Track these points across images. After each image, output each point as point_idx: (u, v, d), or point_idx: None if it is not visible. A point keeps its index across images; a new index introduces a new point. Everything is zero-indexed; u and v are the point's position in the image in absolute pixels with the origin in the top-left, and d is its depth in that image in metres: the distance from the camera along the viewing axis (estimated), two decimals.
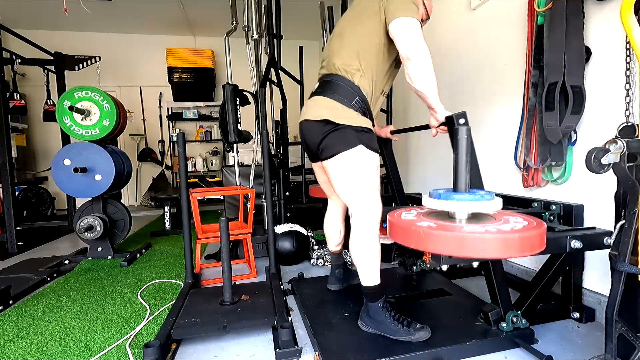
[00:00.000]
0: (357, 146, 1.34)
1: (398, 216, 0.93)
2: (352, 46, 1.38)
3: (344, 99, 1.35)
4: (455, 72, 2.64)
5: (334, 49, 1.44)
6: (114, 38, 5.42)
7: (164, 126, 5.73)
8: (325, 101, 1.38)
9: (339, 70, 1.39)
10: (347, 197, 1.41)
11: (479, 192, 0.86)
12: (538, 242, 0.77)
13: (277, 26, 2.88)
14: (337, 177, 1.41)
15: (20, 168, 4.83)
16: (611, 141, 0.95)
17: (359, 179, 1.37)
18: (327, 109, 1.36)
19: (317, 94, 1.44)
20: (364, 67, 1.36)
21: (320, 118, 1.37)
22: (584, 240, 1.24)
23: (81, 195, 2.68)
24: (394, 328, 1.35)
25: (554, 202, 1.75)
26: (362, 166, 1.36)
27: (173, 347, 1.42)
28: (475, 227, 0.77)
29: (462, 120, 1.39)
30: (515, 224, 0.82)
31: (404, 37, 1.26)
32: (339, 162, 1.37)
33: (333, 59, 1.42)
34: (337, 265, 1.88)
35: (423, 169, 3.16)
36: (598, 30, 1.57)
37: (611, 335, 0.98)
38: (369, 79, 1.37)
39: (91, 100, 2.65)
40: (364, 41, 1.36)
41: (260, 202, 2.99)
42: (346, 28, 1.43)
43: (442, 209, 0.82)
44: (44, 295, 2.05)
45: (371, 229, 1.37)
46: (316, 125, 1.40)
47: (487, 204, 0.80)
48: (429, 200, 0.85)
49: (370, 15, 1.35)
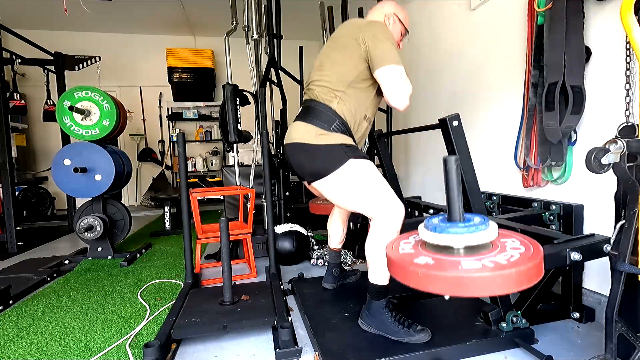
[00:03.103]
0: (348, 161, 1.35)
1: (396, 249, 0.93)
2: (330, 77, 1.42)
3: (323, 123, 1.38)
4: (455, 72, 2.64)
5: (314, 79, 1.48)
6: (114, 38, 5.42)
7: (164, 126, 5.73)
8: (305, 126, 1.42)
9: (317, 96, 1.43)
10: (359, 209, 1.40)
11: (474, 219, 0.86)
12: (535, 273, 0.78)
13: (277, 26, 2.88)
14: (338, 195, 1.41)
15: (20, 168, 4.83)
16: (611, 141, 0.95)
17: (363, 189, 1.36)
18: (308, 132, 1.40)
19: (298, 119, 1.48)
20: (340, 96, 1.39)
21: (302, 141, 1.40)
22: (584, 251, 1.22)
23: (81, 195, 2.68)
24: (395, 329, 1.35)
25: (554, 202, 1.75)
26: (360, 176, 1.36)
27: (173, 347, 1.42)
28: (473, 263, 0.78)
29: (456, 123, 1.38)
30: (512, 252, 0.82)
31: (390, 85, 1.32)
32: (334, 181, 1.37)
33: (313, 86, 1.47)
34: (335, 264, 1.88)
35: (423, 169, 3.16)
36: (598, 30, 1.58)
37: (611, 335, 0.98)
38: (348, 106, 1.40)
39: (91, 100, 2.65)
40: (343, 73, 1.40)
41: (260, 202, 2.99)
42: (325, 61, 1.47)
43: (438, 243, 0.84)
44: (44, 295, 2.05)
45: (391, 231, 1.34)
46: (297, 149, 1.42)
47: (482, 235, 0.81)
48: (425, 232, 0.87)
49: (350, 49, 1.39)
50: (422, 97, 3.11)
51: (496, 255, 0.81)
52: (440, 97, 2.85)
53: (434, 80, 2.91)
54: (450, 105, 2.69)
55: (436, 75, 2.89)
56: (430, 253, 0.85)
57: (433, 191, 2.96)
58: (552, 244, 1.26)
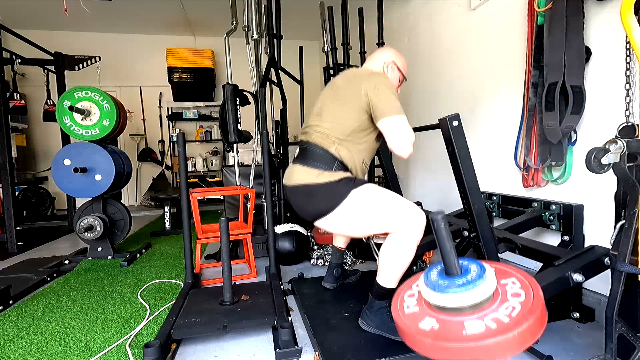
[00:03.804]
0: (350, 192, 1.36)
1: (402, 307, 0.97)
2: (330, 124, 1.43)
3: (323, 165, 1.40)
4: (455, 72, 2.64)
5: (312, 124, 1.49)
6: (114, 38, 5.42)
7: (164, 126, 5.73)
8: (305, 169, 1.43)
9: (315, 141, 1.44)
10: (379, 230, 1.38)
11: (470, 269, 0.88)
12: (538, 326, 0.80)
13: (277, 26, 2.88)
14: (349, 227, 1.42)
15: (20, 168, 4.82)
16: (611, 141, 0.95)
17: (375, 211, 1.36)
18: (309, 173, 1.41)
19: (297, 162, 1.50)
20: (339, 143, 1.41)
21: (303, 182, 1.42)
22: (585, 270, 1.21)
23: (81, 195, 2.68)
24: (394, 327, 1.35)
25: (554, 202, 1.75)
26: (369, 201, 1.37)
27: (173, 347, 1.42)
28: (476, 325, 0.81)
29: (456, 123, 1.38)
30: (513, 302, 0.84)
31: (394, 136, 1.34)
32: (340, 215, 1.38)
33: (311, 130, 1.48)
34: (337, 264, 1.88)
35: (423, 169, 3.16)
36: (598, 30, 1.58)
37: (611, 335, 0.98)
38: (346, 151, 1.42)
39: (91, 100, 2.65)
40: (344, 124, 1.42)
41: (260, 202, 2.99)
42: (325, 109, 1.48)
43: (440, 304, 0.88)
44: (44, 295, 2.05)
45: (411, 241, 1.33)
46: (300, 190, 1.44)
47: (480, 290, 0.84)
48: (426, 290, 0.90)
49: (352, 101, 1.41)
50: (422, 97, 3.11)
51: (498, 308, 0.84)
52: (440, 96, 2.85)
53: (434, 80, 2.91)
54: (450, 105, 2.70)
55: (436, 75, 2.89)
56: (434, 312, 0.89)
57: (433, 191, 2.96)
58: (553, 267, 1.25)
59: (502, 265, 0.98)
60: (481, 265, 0.88)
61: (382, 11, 2.87)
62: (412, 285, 1.03)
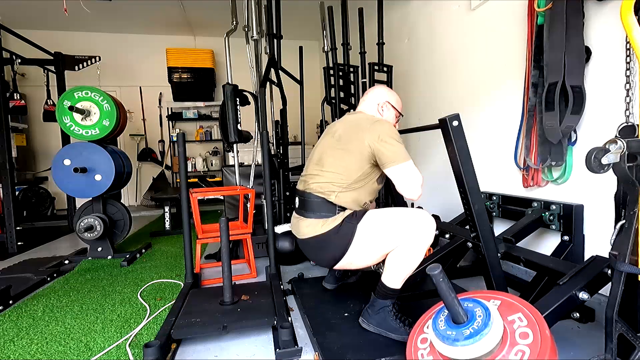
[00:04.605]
0: (357, 228, 1.39)
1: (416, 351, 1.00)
2: (330, 173, 1.46)
3: (326, 213, 1.44)
4: (455, 71, 2.64)
5: (312, 174, 1.51)
6: (114, 38, 5.42)
7: (164, 126, 5.73)
8: (309, 221, 1.47)
9: (314, 190, 1.47)
10: (394, 247, 1.38)
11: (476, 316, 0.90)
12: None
13: (277, 26, 2.88)
14: (366, 257, 1.44)
15: (20, 168, 4.83)
16: (611, 141, 0.95)
17: (386, 235, 1.38)
18: (313, 226, 1.46)
19: (299, 213, 1.54)
20: (339, 190, 1.44)
21: (310, 236, 1.46)
22: (590, 287, 1.21)
23: (81, 195, 2.68)
24: (395, 326, 1.36)
25: (554, 202, 1.75)
26: (375, 229, 1.39)
27: (173, 347, 1.42)
28: None
29: (456, 123, 1.37)
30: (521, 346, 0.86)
31: (403, 182, 1.39)
32: (354, 252, 1.41)
33: (310, 180, 1.50)
34: None
35: (423, 170, 3.15)
36: (598, 30, 1.58)
37: (611, 335, 0.98)
38: (346, 197, 1.45)
39: (91, 100, 2.65)
40: (346, 174, 1.44)
41: (260, 202, 2.99)
42: (325, 158, 1.50)
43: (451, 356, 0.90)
44: (44, 295, 2.05)
45: (420, 247, 1.35)
46: (311, 243, 1.49)
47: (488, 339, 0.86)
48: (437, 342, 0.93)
49: (354, 152, 1.43)
50: (422, 97, 3.11)
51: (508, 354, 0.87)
52: (440, 97, 2.84)
53: (434, 80, 2.91)
54: (450, 105, 2.69)
55: (436, 75, 2.89)
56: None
57: (434, 192, 2.96)
58: (558, 287, 1.24)
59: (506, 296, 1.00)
60: (486, 309, 0.91)
61: (382, 11, 2.87)
62: (424, 327, 1.06)
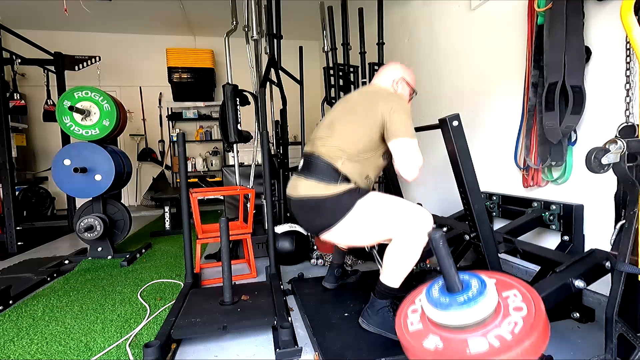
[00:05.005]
0: (356, 203, 1.37)
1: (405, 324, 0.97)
2: (339, 138, 1.44)
3: (328, 178, 1.40)
4: (455, 72, 2.64)
5: (322, 137, 1.49)
6: (114, 38, 5.41)
7: (164, 126, 5.73)
8: (310, 182, 1.43)
9: (322, 154, 1.44)
10: (386, 236, 1.39)
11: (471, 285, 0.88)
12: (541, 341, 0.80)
13: (277, 26, 2.88)
14: (356, 237, 1.42)
15: (20, 168, 4.83)
16: (611, 141, 0.95)
17: (381, 220, 1.37)
18: (314, 187, 1.41)
19: (301, 173, 1.50)
20: (346, 157, 1.41)
21: (309, 195, 1.42)
22: (587, 276, 1.22)
23: (81, 195, 2.68)
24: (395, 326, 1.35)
25: (554, 202, 1.75)
26: (374, 209, 1.37)
27: (173, 347, 1.42)
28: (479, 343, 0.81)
29: (456, 123, 1.38)
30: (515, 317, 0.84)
31: (402, 157, 1.37)
32: (346, 227, 1.39)
33: (318, 142, 1.48)
34: (338, 264, 1.89)
35: (423, 170, 3.15)
36: (598, 30, 1.58)
37: (611, 335, 0.98)
38: (351, 167, 1.42)
39: (91, 100, 2.64)
40: (355, 139, 1.42)
41: (260, 202, 2.99)
42: (337, 122, 1.48)
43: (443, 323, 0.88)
44: (44, 295, 2.05)
45: (417, 243, 1.33)
46: (306, 204, 1.44)
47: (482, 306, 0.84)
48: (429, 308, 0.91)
49: (366, 119, 1.41)
50: (422, 97, 3.11)
51: (500, 324, 0.84)
52: (440, 97, 2.84)
53: (434, 80, 2.91)
54: (450, 105, 2.69)
55: (436, 75, 2.89)
56: (437, 329, 0.89)
57: (434, 191, 2.96)
58: (555, 274, 1.25)
59: (503, 276, 0.98)
60: (482, 280, 0.88)
61: (382, 11, 2.87)
62: (415, 299, 1.03)
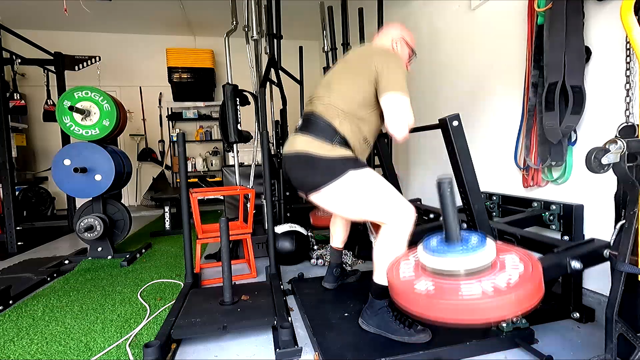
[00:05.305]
0: (347, 172, 1.35)
1: (397, 272, 0.94)
2: (336, 96, 1.43)
3: (325, 137, 1.39)
4: (455, 72, 2.64)
5: (319, 95, 1.49)
6: (114, 38, 5.42)
7: (164, 126, 5.73)
8: (307, 138, 1.42)
9: (320, 112, 1.43)
10: (367, 217, 1.40)
11: (471, 238, 0.86)
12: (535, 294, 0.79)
13: (277, 26, 2.88)
14: (340, 206, 1.42)
15: (20, 168, 4.82)
16: (611, 141, 0.95)
17: (368, 198, 1.36)
18: (310, 143, 1.40)
19: (299, 131, 1.48)
20: (344, 115, 1.40)
21: (304, 151, 1.40)
22: (584, 258, 1.22)
23: (81, 195, 2.68)
24: (395, 327, 1.35)
25: (554, 202, 1.75)
26: (363, 185, 1.37)
27: (173, 347, 1.42)
28: (473, 288, 0.79)
29: (456, 123, 1.38)
30: (511, 272, 0.83)
31: (392, 112, 1.33)
32: (333, 192, 1.37)
33: (317, 101, 1.47)
34: (336, 264, 1.89)
35: (423, 170, 3.16)
36: (598, 30, 1.58)
37: (611, 335, 0.98)
38: (349, 126, 1.41)
39: (91, 100, 2.65)
40: (349, 95, 1.41)
41: (260, 202, 2.99)
42: (334, 81, 1.48)
43: (437, 268, 0.86)
44: (44, 295, 2.05)
45: (402, 235, 1.34)
46: (298, 158, 1.43)
47: (480, 257, 0.82)
48: (424, 255, 0.88)
49: (360, 74, 1.40)
50: (422, 97, 3.11)
51: (496, 276, 0.81)
52: (440, 97, 2.85)
53: (434, 80, 2.91)
54: (450, 105, 2.69)
55: (436, 75, 2.89)
56: (431, 276, 0.86)
57: (434, 191, 2.96)
58: (552, 253, 1.25)
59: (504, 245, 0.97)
60: (482, 236, 0.86)
61: (382, 11, 2.87)
62: (410, 255, 1.02)
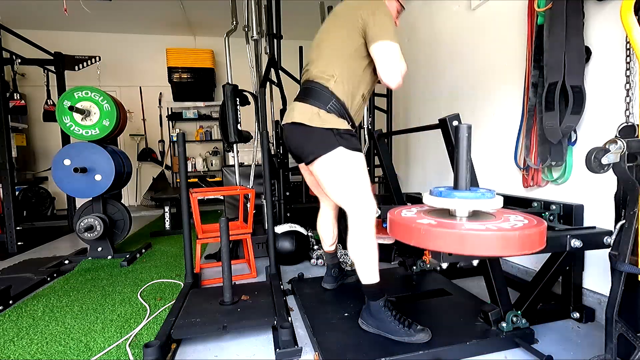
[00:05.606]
0: (337, 148, 1.37)
1: (398, 214, 0.93)
2: (327, 55, 1.43)
3: (320, 103, 1.40)
4: (455, 72, 2.64)
5: (312, 59, 1.50)
6: (114, 38, 5.42)
7: (164, 126, 5.73)
8: (302, 106, 1.44)
9: (315, 76, 1.44)
10: (338, 198, 1.44)
11: (480, 189, 0.85)
12: (538, 240, 0.77)
13: (277, 26, 2.88)
14: (324, 180, 1.44)
15: (20, 168, 4.83)
16: (611, 141, 0.95)
17: (346, 180, 1.39)
18: (304, 113, 1.42)
19: (296, 99, 1.50)
20: (338, 74, 1.40)
21: (297, 121, 1.42)
22: (584, 239, 1.24)
23: (81, 195, 2.68)
24: (394, 327, 1.35)
25: (554, 202, 1.75)
26: (346, 167, 1.39)
27: (173, 347, 1.42)
28: (476, 225, 0.77)
29: (456, 123, 1.39)
30: (516, 222, 0.82)
31: (384, 61, 1.32)
32: (321, 166, 1.41)
33: (311, 67, 1.49)
34: (333, 264, 1.89)
35: (423, 170, 3.16)
36: (598, 30, 1.57)
37: (611, 335, 0.98)
38: (344, 85, 1.41)
39: (91, 100, 2.65)
40: (339, 50, 1.41)
41: (260, 202, 2.99)
42: (323, 39, 1.49)
43: (443, 206, 0.83)
44: (44, 295, 2.05)
45: (367, 227, 1.37)
46: (294, 128, 1.44)
47: (487, 201, 0.80)
48: (429, 197, 0.86)
49: (347, 25, 1.40)
50: (422, 97, 3.11)
51: (500, 222, 0.80)
52: (440, 97, 2.84)
53: (434, 80, 2.91)
54: (450, 105, 2.69)
55: (436, 75, 2.89)
56: (434, 217, 0.84)
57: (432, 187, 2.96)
58: (554, 230, 1.27)
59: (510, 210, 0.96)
60: (491, 190, 0.86)
61: None
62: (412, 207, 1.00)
